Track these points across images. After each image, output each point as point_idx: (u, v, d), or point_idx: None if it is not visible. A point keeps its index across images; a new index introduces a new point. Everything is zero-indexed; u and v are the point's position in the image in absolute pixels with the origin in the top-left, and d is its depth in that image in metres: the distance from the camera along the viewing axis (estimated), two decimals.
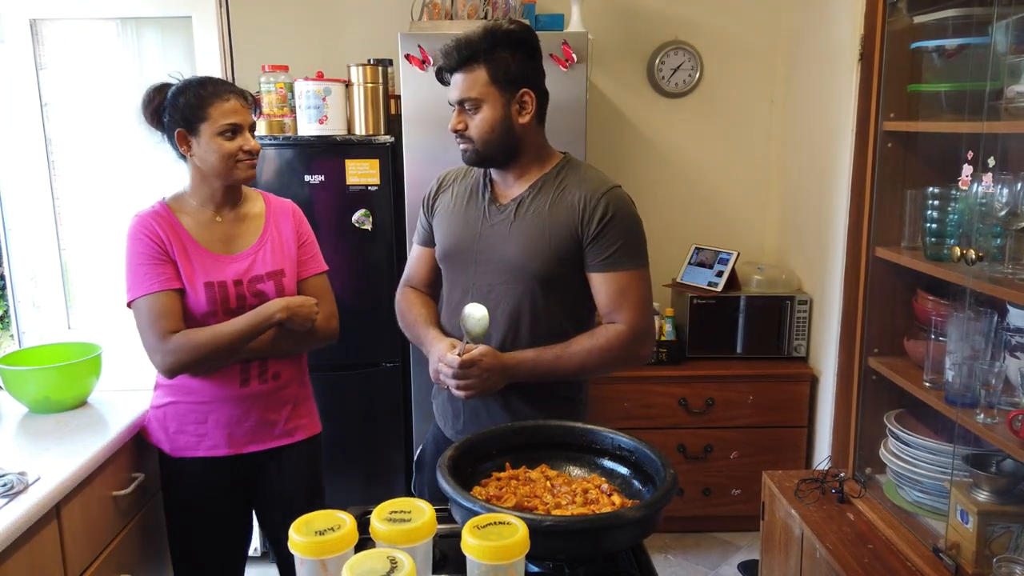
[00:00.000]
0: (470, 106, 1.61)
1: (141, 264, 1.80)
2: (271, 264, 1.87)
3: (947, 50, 1.94)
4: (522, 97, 1.62)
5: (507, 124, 1.62)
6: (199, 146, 1.78)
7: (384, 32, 3.07)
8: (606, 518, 1.17)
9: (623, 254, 1.63)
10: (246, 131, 1.80)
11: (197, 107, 1.76)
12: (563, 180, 1.67)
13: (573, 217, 1.62)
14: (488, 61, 1.59)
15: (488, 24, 1.62)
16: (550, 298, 1.66)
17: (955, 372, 1.81)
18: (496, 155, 1.66)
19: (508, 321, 1.67)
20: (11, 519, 1.48)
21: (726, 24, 3.33)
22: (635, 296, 1.66)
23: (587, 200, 1.63)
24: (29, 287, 3.08)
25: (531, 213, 1.65)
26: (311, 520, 1.00)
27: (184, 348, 1.74)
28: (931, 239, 1.95)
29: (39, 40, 2.95)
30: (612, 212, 1.62)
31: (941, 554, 1.81)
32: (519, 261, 1.64)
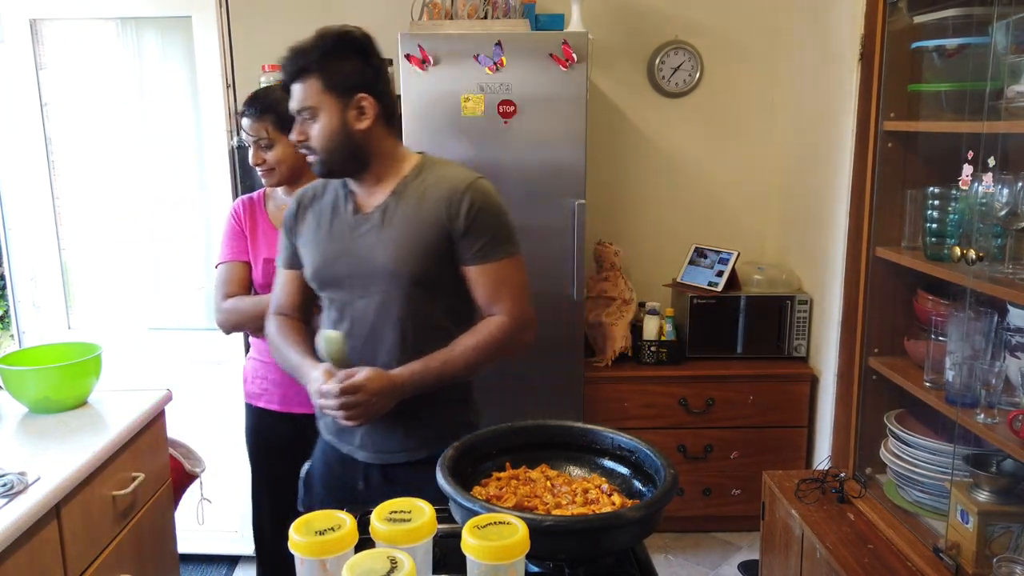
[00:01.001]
0: (308, 115, 1.60)
1: (225, 237, 2.11)
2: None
3: (947, 50, 1.94)
4: (359, 103, 1.60)
5: (345, 131, 1.59)
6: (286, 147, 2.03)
7: (384, 32, 3.04)
8: (606, 518, 1.17)
9: (494, 244, 1.63)
10: (252, 146, 2.04)
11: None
12: (424, 180, 1.64)
13: (441, 215, 1.60)
14: (321, 69, 1.59)
15: (320, 30, 1.62)
16: (431, 300, 1.64)
17: (955, 372, 1.81)
18: (342, 164, 1.63)
19: (394, 331, 1.64)
20: (11, 519, 1.48)
21: (726, 24, 3.33)
22: (511, 284, 1.65)
23: (452, 196, 1.60)
24: (29, 287, 3.08)
25: (398, 217, 1.62)
26: (311, 520, 1.00)
27: (232, 311, 2.03)
28: (931, 239, 1.95)
29: (39, 40, 2.95)
30: (478, 204, 1.61)
31: (941, 554, 1.81)
32: (392, 267, 1.61)
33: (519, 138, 2.76)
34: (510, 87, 2.71)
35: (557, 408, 2.91)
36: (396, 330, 1.64)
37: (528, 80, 2.71)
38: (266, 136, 2.02)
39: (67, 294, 3.10)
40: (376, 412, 1.57)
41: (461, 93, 2.71)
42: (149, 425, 2.02)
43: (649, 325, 3.13)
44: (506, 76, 2.70)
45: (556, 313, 2.86)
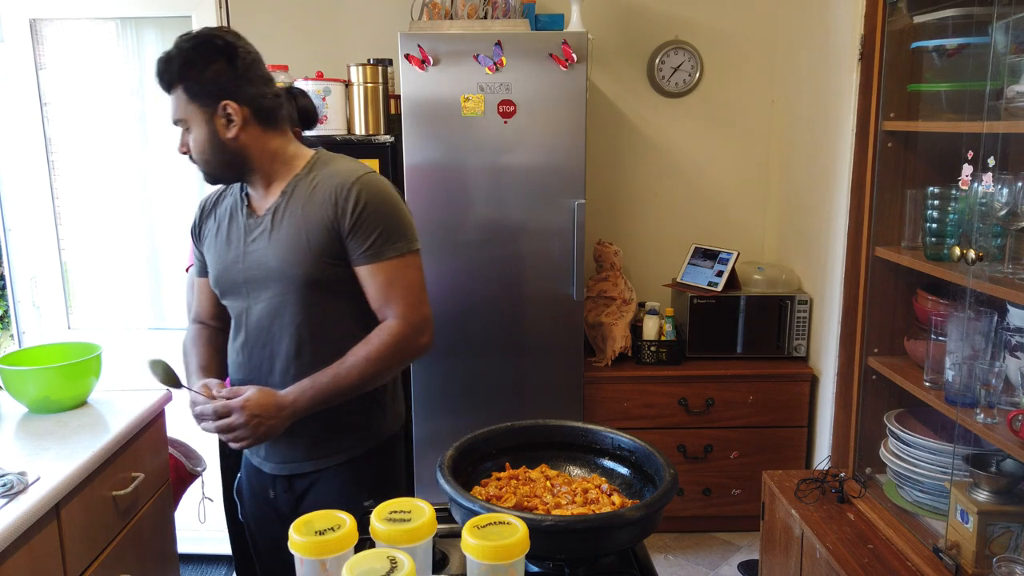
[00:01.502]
0: (183, 127, 1.56)
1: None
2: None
3: (947, 50, 1.94)
4: (224, 110, 1.52)
5: (216, 141, 1.54)
6: None
7: (384, 32, 3.07)
8: (606, 518, 1.16)
9: (384, 242, 1.55)
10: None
11: None
12: (315, 177, 1.58)
13: (327, 213, 1.53)
14: (183, 79, 1.51)
15: (180, 37, 1.52)
16: (328, 303, 1.58)
17: (955, 372, 1.81)
18: (223, 172, 1.59)
19: (289, 338, 1.58)
20: (11, 519, 1.48)
21: (726, 24, 3.33)
22: (403, 285, 1.57)
23: (338, 192, 1.53)
24: (29, 287, 3.08)
25: (287, 218, 1.56)
26: (311, 520, 1.00)
27: None
28: (931, 239, 1.95)
29: (39, 40, 2.95)
30: (365, 200, 1.53)
31: (941, 554, 1.81)
32: (283, 270, 1.55)
33: (519, 138, 2.76)
34: (510, 87, 2.71)
35: (557, 408, 2.91)
36: (292, 337, 1.58)
37: (528, 80, 2.71)
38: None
39: (67, 294, 3.10)
40: (266, 433, 1.51)
41: (461, 93, 2.71)
42: (149, 425, 2.02)
43: (649, 325, 3.13)
44: (506, 76, 2.70)
45: (556, 313, 2.86)
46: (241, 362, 1.65)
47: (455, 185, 2.78)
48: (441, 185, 2.78)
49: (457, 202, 2.79)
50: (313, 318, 1.57)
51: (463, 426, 1.41)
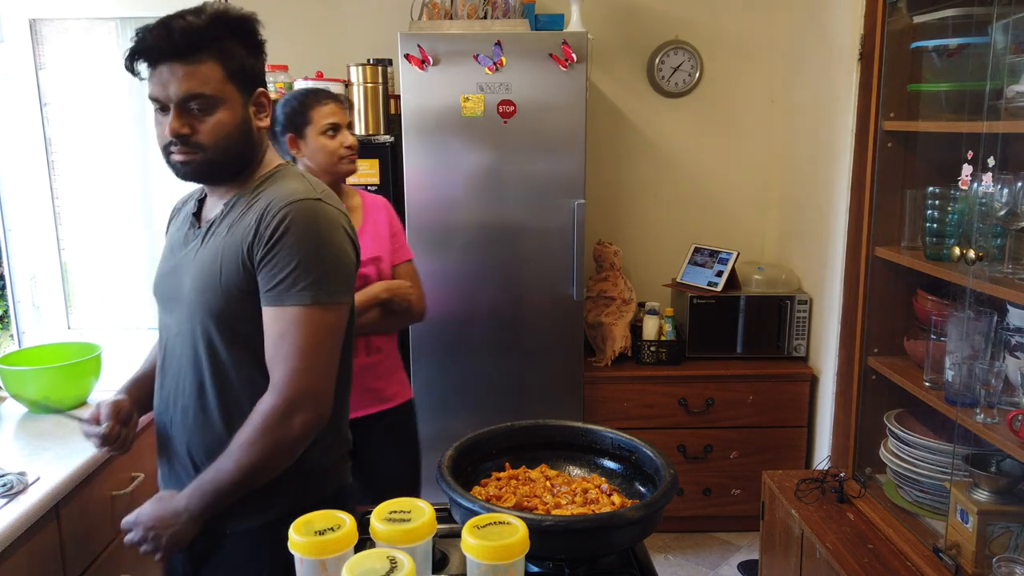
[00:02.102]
0: (200, 105, 1.30)
1: None
2: (370, 251, 2.04)
3: (947, 50, 1.94)
4: (259, 98, 1.39)
5: (247, 128, 1.36)
6: (307, 147, 1.99)
7: (384, 32, 3.07)
8: (606, 518, 1.17)
9: (292, 284, 1.28)
10: (343, 129, 2.01)
11: (302, 112, 1.99)
12: (260, 193, 1.36)
13: (247, 235, 1.30)
14: (221, 52, 1.31)
15: (213, 8, 1.33)
16: (234, 344, 1.33)
17: (955, 372, 1.81)
18: (231, 165, 1.37)
19: (193, 375, 1.36)
20: (10, 519, 1.48)
21: (726, 24, 3.33)
22: (293, 343, 1.28)
23: (265, 212, 1.30)
24: (29, 287, 3.08)
25: (214, 236, 1.36)
26: (311, 520, 1.00)
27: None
28: (931, 239, 1.95)
29: (39, 40, 2.95)
30: (287, 226, 1.28)
31: (941, 554, 1.81)
32: (192, 294, 1.34)
33: (519, 138, 2.76)
34: (510, 87, 2.71)
35: (557, 408, 2.91)
36: (194, 375, 1.37)
37: (528, 80, 2.71)
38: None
39: (67, 294, 3.10)
40: (172, 543, 1.32)
41: (461, 93, 2.71)
42: (149, 425, 2.02)
43: (649, 325, 3.13)
44: (506, 76, 2.70)
45: (556, 313, 2.86)
46: (157, 388, 1.47)
47: (455, 185, 2.78)
48: (441, 185, 2.78)
49: (457, 202, 2.79)
50: (216, 357, 1.34)
51: (463, 426, 1.41)
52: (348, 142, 2.01)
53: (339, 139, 2.00)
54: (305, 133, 1.99)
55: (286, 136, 2.01)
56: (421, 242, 2.79)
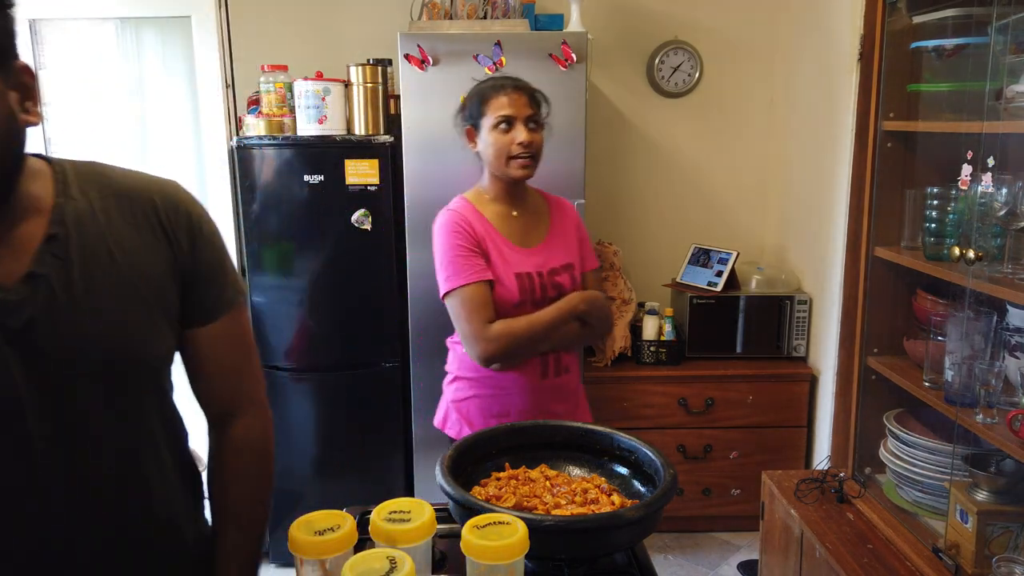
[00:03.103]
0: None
1: (458, 256, 1.81)
2: (563, 257, 1.90)
3: (946, 50, 1.94)
4: (21, 77, 0.91)
5: (13, 125, 0.90)
6: (481, 141, 1.85)
7: (383, 32, 3.07)
8: (606, 518, 1.17)
9: (229, 288, 1.10)
10: (519, 124, 1.80)
11: (480, 104, 1.83)
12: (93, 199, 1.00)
13: (161, 248, 1.03)
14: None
15: None
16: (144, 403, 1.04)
17: (955, 372, 1.81)
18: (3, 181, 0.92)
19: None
20: None
21: (726, 24, 3.33)
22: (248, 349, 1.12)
23: (163, 213, 1.03)
24: None
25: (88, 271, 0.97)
26: (311, 520, 1.00)
27: (504, 336, 1.76)
28: (931, 239, 1.95)
29: (39, 40, 2.95)
30: (201, 222, 1.07)
31: (941, 554, 1.82)
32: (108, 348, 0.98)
33: None
34: None
35: None
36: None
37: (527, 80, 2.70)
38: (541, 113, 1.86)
39: None
40: None
41: (460, 93, 2.70)
42: None
43: (648, 325, 3.13)
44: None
45: None
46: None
47: (455, 185, 2.76)
48: (441, 185, 2.77)
49: None
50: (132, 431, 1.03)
51: None
52: (521, 138, 1.78)
53: (511, 135, 1.79)
54: (480, 126, 1.83)
55: (465, 128, 1.88)
56: (421, 242, 2.79)
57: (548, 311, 1.81)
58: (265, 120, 2.79)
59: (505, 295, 1.81)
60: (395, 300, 2.89)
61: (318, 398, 2.96)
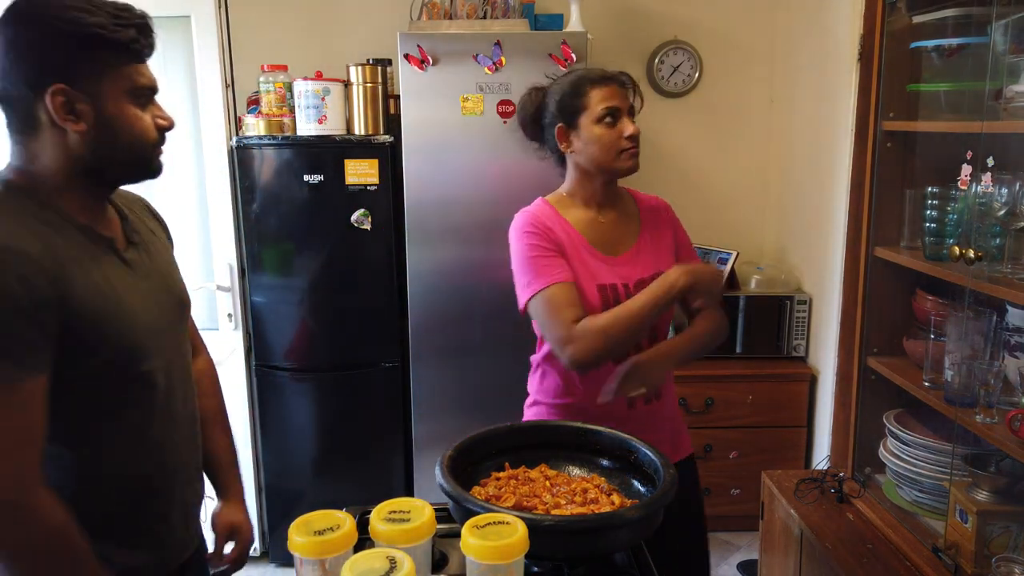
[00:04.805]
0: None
1: (538, 257, 1.67)
2: (652, 267, 1.71)
3: (946, 50, 1.94)
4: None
5: None
6: (580, 139, 1.69)
7: (383, 32, 3.07)
8: (606, 518, 1.17)
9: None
10: (624, 116, 1.68)
11: (576, 97, 1.68)
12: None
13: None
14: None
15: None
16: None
17: (954, 372, 1.81)
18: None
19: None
20: None
21: (725, 24, 3.33)
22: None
23: None
24: None
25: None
26: (311, 520, 1.00)
27: (591, 331, 1.55)
28: (930, 239, 1.95)
29: None
30: None
31: (940, 554, 1.82)
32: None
33: (518, 138, 2.74)
34: (509, 87, 2.71)
35: None
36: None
37: (527, 80, 2.68)
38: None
39: None
40: None
41: (460, 93, 2.71)
42: None
43: None
44: (505, 76, 2.70)
45: None
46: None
47: (454, 185, 2.78)
48: (440, 185, 2.78)
49: (457, 202, 2.79)
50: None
51: (463, 426, 1.41)
52: (629, 131, 1.66)
53: (619, 128, 1.66)
54: (578, 122, 1.67)
55: (556, 127, 1.71)
56: (421, 242, 2.79)
57: (641, 295, 1.58)
58: (265, 120, 2.79)
59: (586, 309, 1.62)
60: (395, 300, 2.89)
61: (318, 398, 2.96)
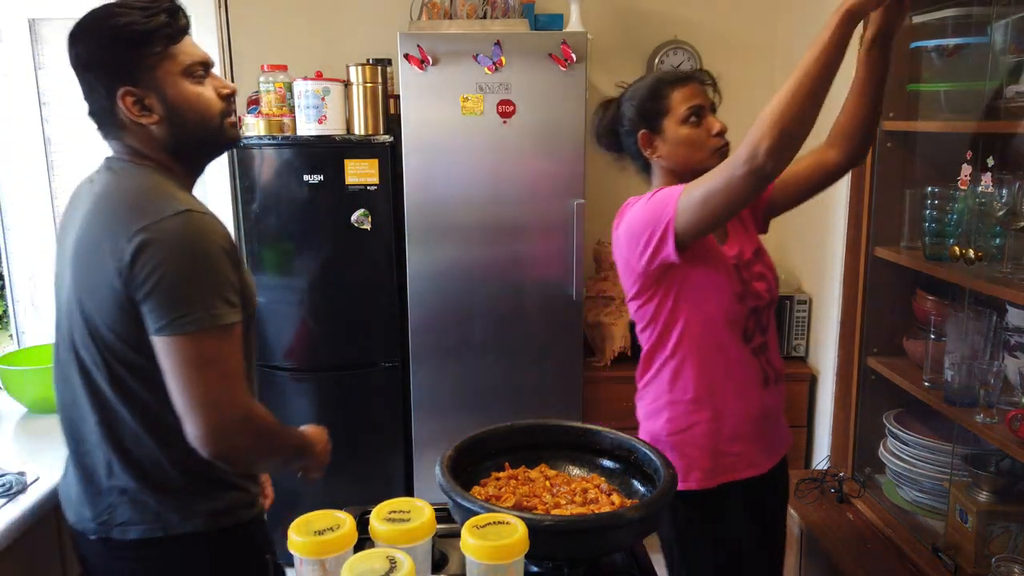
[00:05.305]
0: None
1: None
2: (751, 239, 1.71)
3: (946, 49, 1.94)
4: None
5: None
6: (665, 143, 1.64)
7: (383, 32, 3.07)
8: (606, 518, 1.17)
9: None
10: (708, 113, 1.64)
11: (656, 100, 1.63)
12: None
13: None
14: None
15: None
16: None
17: (954, 372, 1.81)
18: None
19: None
20: (10, 520, 1.48)
21: (725, 23, 3.33)
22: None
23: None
24: (28, 287, 3.08)
25: None
26: (311, 520, 1.00)
27: (768, 120, 1.55)
28: (930, 239, 1.95)
29: (38, 40, 2.95)
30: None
31: (940, 554, 1.81)
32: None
33: (518, 138, 2.76)
34: (509, 87, 2.71)
35: (557, 408, 2.91)
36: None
37: (527, 80, 2.71)
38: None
39: None
40: None
41: (460, 93, 2.71)
42: None
43: None
44: (505, 76, 2.70)
45: (555, 313, 2.86)
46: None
47: (454, 185, 2.78)
48: (440, 185, 2.78)
49: (456, 202, 2.79)
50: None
51: (463, 426, 1.41)
52: (716, 128, 1.62)
53: (705, 125, 1.62)
54: (662, 126, 1.63)
55: (636, 135, 1.67)
56: (421, 242, 2.79)
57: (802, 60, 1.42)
58: (265, 120, 2.79)
59: (725, 294, 1.58)
60: (395, 300, 2.89)
61: (318, 398, 2.96)
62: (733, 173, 1.44)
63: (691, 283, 1.59)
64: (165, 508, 1.27)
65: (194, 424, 1.18)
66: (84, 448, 1.30)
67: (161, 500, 1.27)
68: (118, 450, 1.27)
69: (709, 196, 1.46)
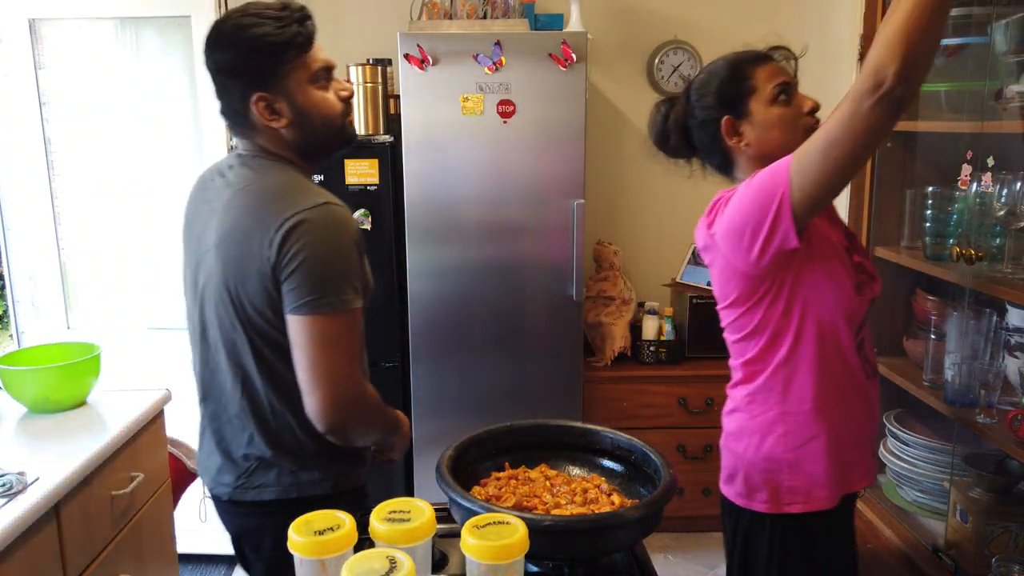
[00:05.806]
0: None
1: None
2: (839, 228, 1.53)
3: (946, 50, 1.94)
4: None
5: None
6: (753, 127, 1.47)
7: (383, 32, 3.07)
8: (606, 518, 1.16)
9: None
10: (796, 90, 1.50)
11: (738, 81, 1.47)
12: None
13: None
14: None
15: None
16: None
17: (954, 372, 1.81)
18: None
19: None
20: (10, 519, 1.47)
21: (725, 23, 3.33)
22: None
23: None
24: (28, 287, 3.08)
25: None
26: (310, 520, 1.00)
27: (884, 43, 1.25)
28: (931, 239, 1.95)
29: (38, 40, 2.94)
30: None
31: (940, 554, 1.81)
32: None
33: (518, 138, 2.76)
34: (509, 87, 2.71)
35: (557, 408, 2.91)
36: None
37: (527, 80, 2.71)
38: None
39: (66, 294, 3.10)
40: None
41: (460, 93, 2.71)
42: (148, 425, 2.02)
43: (648, 325, 3.13)
44: (505, 76, 2.70)
45: (555, 313, 2.86)
46: None
47: (454, 185, 2.78)
48: (440, 185, 2.78)
49: (456, 202, 2.79)
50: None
51: (463, 426, 1.41)
52: (809, 105, 1.47)
53: (797, 104, 1.46)
54: (748, 108, 1.47)
55: (715, 125, 1.51)
56: (421, 242, 2.79)
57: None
58: None
59: (845, 283, 1.42)
60: (395, 300, 2.89)
61: None
62: (857, 109, 1.25)
63: (807, 277, 1.40)
64: (300, 471, 1.41)
65: (315, 398, 1.31)
66: (224, 419, 1.44)
67: (296, 465, 1.41)
68: (259, 422, 1.40)
69: (830, 144, 1.27)
